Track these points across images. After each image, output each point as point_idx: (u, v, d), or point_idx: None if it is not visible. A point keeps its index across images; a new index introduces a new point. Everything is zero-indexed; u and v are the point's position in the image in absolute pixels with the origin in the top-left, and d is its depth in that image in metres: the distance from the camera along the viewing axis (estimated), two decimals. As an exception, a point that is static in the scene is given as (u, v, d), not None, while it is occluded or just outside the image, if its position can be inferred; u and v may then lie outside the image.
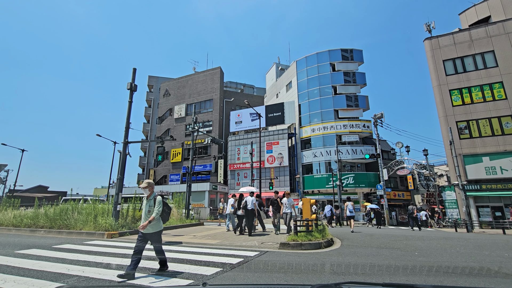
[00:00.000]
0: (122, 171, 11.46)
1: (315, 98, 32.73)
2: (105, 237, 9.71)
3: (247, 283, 4.24)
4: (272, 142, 33.52)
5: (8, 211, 13.69)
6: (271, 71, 46.25)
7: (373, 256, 6.51)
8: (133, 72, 12.61)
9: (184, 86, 42.19)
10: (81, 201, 12.99)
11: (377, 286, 1.70)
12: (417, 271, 5.08)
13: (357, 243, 8.58)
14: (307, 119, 32.95)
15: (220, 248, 7.53)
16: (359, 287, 1.96)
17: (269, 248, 7.33)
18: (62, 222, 11.38)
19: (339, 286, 1.54)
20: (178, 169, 38.67)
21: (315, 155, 31.15)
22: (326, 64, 32.94)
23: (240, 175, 34.77)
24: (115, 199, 10.93)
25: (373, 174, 29.29)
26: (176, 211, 14.82)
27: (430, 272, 4.98)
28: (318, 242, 7.42)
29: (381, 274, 4.81)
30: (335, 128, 30.68)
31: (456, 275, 4.80)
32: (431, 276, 4.74)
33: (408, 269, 5.15)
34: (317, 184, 30.28)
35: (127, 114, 12.17)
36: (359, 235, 11.08)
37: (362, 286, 2.11)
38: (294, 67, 35.90)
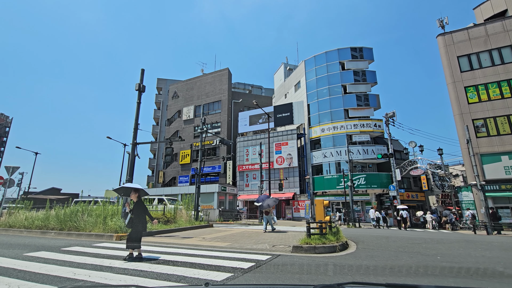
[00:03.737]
0: (131, 172, 11.37)
1: (324, 97, 32.22)
2: (114, 239, 9.59)
3: (249, 284, 4.19)
4: (281, 143, 33.16)
5: (20, 213, 13.80)
6: (279, 71, 45.94)
7: (392, 260, 6.13)
8: (141, 73, 12.55)
9: (192, 88, 42.34)
10: (91, 203, 12.98)
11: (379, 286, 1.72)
12: (442, 276, 4.69)
13: (373, 246, 8.18)
14: (316, 119, 32.46)
15: (230, 251, 7.27)
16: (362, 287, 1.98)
17: (281, 252, 7.03)
18: (72, 224, 11.36)
19: (341, 286, 1.55)
20: (187, 171, 38.75)
21: (325, 155, 30.61)
22: (335, 63, 32.42)
23: (249, 176, 34.52)
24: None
25: (385, 175, 28.55)
26: (185, 213, 14.66)
27: (457, 279, 4.58)
28: (333, 245, 7.07)
29: (404, 281, 4.45)
30: (345, 128, 30.08)
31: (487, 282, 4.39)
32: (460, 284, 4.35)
33: (433, 275, 4.76)
34: (327, 185, 29.73)
35: (135, 115, 12.10)
36: (374, 238, 10.64)
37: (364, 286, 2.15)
38: (303, 66, 35.49)
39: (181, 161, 39.47)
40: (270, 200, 12.59)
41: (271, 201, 12.55)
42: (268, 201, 12.45)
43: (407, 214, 21.78)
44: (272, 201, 12.54)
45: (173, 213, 13.87)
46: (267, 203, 12.34)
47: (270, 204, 12.35)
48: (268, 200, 12.59)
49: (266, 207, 12.24)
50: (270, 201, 12.50)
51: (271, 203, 12.44)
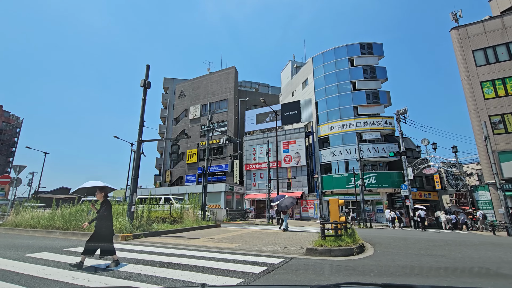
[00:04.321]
0: (136, 171, 11.07)
1: (333, 95, 31.52)
2: (119, 239, 9.29)
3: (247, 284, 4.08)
4: (288, 141, 32.62)
5: (26, 212, 13.68)
6: (286, 69, 45.34)
7: (416, 264, 5.60)
8: (146, 68, 12.24)
9: (198, 87, 42.13)
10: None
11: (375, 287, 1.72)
12: (479, 284, 4.16)
13: (392, 249, 7.65)
14: (324, 117, 31.81)
15: (240, 253, 6.85)
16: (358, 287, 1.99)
17: (293, 254, 6.58)
18: (77, 223, 11.13)
19: (338, 286, 1.55)
20: (194, 170, 38.56)
21: (334, 154, 29.95)
22: (344, 60, 31.68)
23: (256, 176, 34.09)
24: (130, 200, 10.54)
25: (396, 174, 27.73)
26: (192, 212, 14.32)
27: (496, 286, 4.05)
28: (349, 247, 6.58)
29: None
30: (355, 126, 29.35)
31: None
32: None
33: (468, 281, 4.24)
34: (337, 184, 29.07)
35: (141, 112, 11.79)
36: (391, 239, 10.08)
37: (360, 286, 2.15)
38: (310, 63, 34.84)
39: (187, 161, 39.31)
40: (288, 200, 12.81)
41: (289, 201, 12.76)
42: (286, 201, 12.68)
43: (424, 214, 21.08)
44: (290, 202, 12.76)
45: (179, 213, 13.54)
46: (285, 203, 12.59)
47: (288, 204, 12.60)
48: (286, 200, 12.80)
49: (284, 208, 12.46)
50: (288, 201, 12.73)
51: (289, 203, 12.68)
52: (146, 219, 11.36)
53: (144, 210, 11.36)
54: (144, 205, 11.88)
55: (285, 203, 12.80)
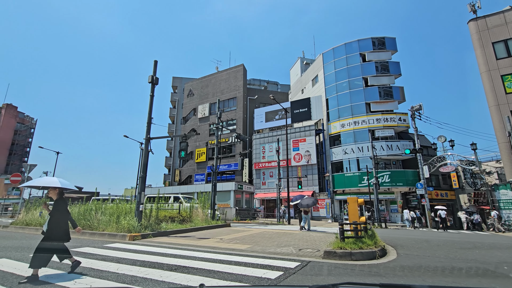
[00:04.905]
0: (145, 169, 10.79)
1: (344, 91, 30.72)
2: (127, 239, 9.02)
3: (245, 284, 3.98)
4: (298, 139, 32.01)
5: (37, 211, 13.66)
6: (296, 66, 44.65)
7: (449, 271, 5.04)
8: (154, 64, 11.94)
9: (207, 86, 41.96)
10: (105, 201, 12.58)
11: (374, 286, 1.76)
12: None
13: (416, 252, 7.08)
14: (335, 114, 31.04)
15: (252, 255, 6.42)
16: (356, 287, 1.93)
17: (310, 257, 6.10)
18: (86, 222, 10.96)
19: (336, 286, 1.52)
20: (203, 169, 38.42)
21: (346, 152, 29.18)
22: (355, 55, 30.81)
23: (265, 174, 33.64)
24: (138, 198, 10.27)
25: (411, 172, 26.77)
26: (201, 211, 14.00)
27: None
28: (372, 251, 6.05)
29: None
30: (367, 123, 28.50)
31: None
32: None
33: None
34: (349, 183, 28.31)
35: (148, 109, 11.50)
36: (412, 241, 9.46)
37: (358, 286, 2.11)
38: (321, 60, 34.08)
39: (196, 160, 39.20)
40: (309, 199, 12.83)
41: (310, 200, 12.73)
42: (307, 200, 12.70)
43: (445, 215, 20.23)
44: (311, 201, 12.73)
45: (189, 212, 13.24)
46: (306, 202, 12.59)
47: (309, 204, 12.51)
48: (307, 199, 12.84)
49: (305, 206, 12.47)
50: (309, 200, 12.72)
51: (310, 203, 12.60)
52: (155, 218, 11.09)
53: (153, 209, 11.08)
54: (153, 204, 11.62)
55: (306, 202, 12.61)
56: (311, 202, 12.70)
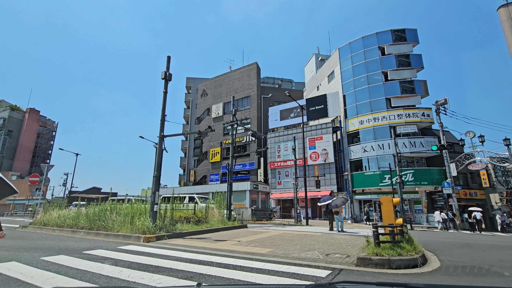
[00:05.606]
0: (159, 167, 10.41)
1: (362, 87, 29.50)
2: (142, 240, 8.64)
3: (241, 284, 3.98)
4: (315, 137, 31.06)
5: (54, 211, 13.64)
6: (310, 62, 43.59)
7: None
8: (167, 60, 11.58)
9: (220, 85, 41.72)
10: (119, 201, 12.35)
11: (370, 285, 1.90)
12: None
13: (461, 258, 6.22)
14: (353, 110, 29.86)
15: (275, 261, 5.80)
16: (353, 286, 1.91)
17: (341, 264, 5.41)
18: (101, 223, 10.73)
19: (333, 285, 1.52)
20: (218, 169, 38.17)
21: (365, 149, 27.97)
22: (374, 49, 29.52)
23: (281, 174, 32.91)
24: (152, 198, 9.89)
25: (436, 170, 25.24)
26: (217, 212, 13.52)
27: None
28: (412, 257, 5.28)
29: None
30: (388, 119, 27.18)
31: None
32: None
33: None
34: (369, 182, 27.09)
35: (162, 106, 11.15)
36: (451, 245, 8.53)
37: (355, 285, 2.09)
38: (337, 55, 32.96)
39: (211, 159, 39.01)
40: (338, 199, 12.29)
41: (339, 200, 12.17)
42: (336, 200, 12.17)
43: (480, 216, 18.87)
44: (340, 201, 12.14)
45: (204, 213, 12.79)
46: (336, 202, 12.02)
47: (338, 204, 11.96)
48: (336, 199, 12.31)
49: (335, 207, 11.93)
50: (338, 200, 12.16)
51: (339, 202, 12.04)
52: (170, 219, 10.69)
53: (168, 209, 10.68)
54: (167, 205, 11.23)
55: (336, 202, 12.08)
56: (340, 202, 12.12)
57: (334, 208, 12.26)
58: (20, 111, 65.98)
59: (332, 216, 13.11)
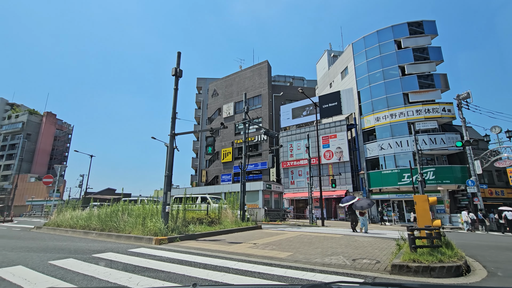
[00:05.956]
0: (170, 167, 10.04)
1: (377, 82, 28.44)
2: (153, 243, 8.28)
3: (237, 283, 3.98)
4: (328, 136, 30.21)
5: (67, 212, 13.57)
6: (322, 59, 42.65)
7: None
8: (177, 56, 11.23)
9: (231, 85, 41.43)
10: (132, 202, 12.10)
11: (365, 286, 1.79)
12: None
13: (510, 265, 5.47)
14: (369, 107, 28.84)
15: (297, 267, 5.26)
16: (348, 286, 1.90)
17: (372, 271, 4.81)
18: (112, 224, 10.48)
19: (329, 285, 1.50)
20: (229, 169, 37.87)
21: (382, 147, 26.91)
22: (389, 42, 28.41)
23: (294, 173, 32.22)
24: (164, 199, 9.54)
25: (459, 168, 23.95)
26: (230, 212, 13.07)
27: None
28: (456, 265, 4.62)
29: None
30: (406, 115, 26.04)
31: None
32: None
33: None
34: (386, 181, 26.04)
35: (173, 103, 10.79)
36: (491, 249, 7.73)
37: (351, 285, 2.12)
38: (350, 50, 31.99)
39: (223, 159, 38.75)
40: (364, 201, 12.12)
41: (365, 202, 11.91)
42: (362, 202, 11.97)
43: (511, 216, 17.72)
44: (367, 203, 11.83)
45: (217, 213, 12.36)
46: (361, 203, 11.77)
47: (364, 206, 11.68)
48: (363, 200, 12.14)
49: (360, 208, 11.69)
50: (364, 202, 11.92)
51: (366, 204, 11.72)
52: (182, 220, 10.32)
53: (180, 210, 10.30)
54: (179, 205, 10.87)
55: (361, 203, 11.73)
56: (366, 204, 11.77)
57: (360, 209, 11.87)
58: (38, 115, 67.99)
59: (355, 217, 12.49)
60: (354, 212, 12.57)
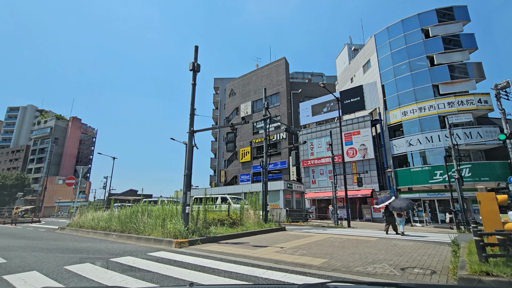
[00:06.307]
0: (189, 165, 9.55)
1: (403, 74, 26.78)
2: (173, 245, 7.79)
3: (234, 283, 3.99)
4: (351, 132, 28.87)
5: (89, 213, 13.52)
6: (342, 54, 41.11)
7: None
8: (195, 50, 10.76)
9: (248, 83, 40.93)
10: (151, 203, 11.78)
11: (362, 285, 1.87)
12: None
13: None
14: (395, 101, 27.22)
15: (338, 278, 4.49)
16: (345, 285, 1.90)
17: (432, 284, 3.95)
18: (132, 226, 10.17)
19: (325, 285, 1.50)
20: (248, 169, 37.36)
21: (410, 143, 25.26)
22: (416, 31, 26.66)
23: (315, 172, 31.13)
24: (183, 199, 9.05)
25: (499, 164, 21.94)
26: (252, 213, 12.44)
27: None
28: (545, 279, 3.66)
29: None
30: (437, 108, 24.26)
31: None
32: None
33: None
34: (416, 179, 24.38)
35: (191, 99, 10.31)
36: None
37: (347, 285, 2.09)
38: (373, 42, 30.44)
39: (241, 159, 38.31)
40: (403, 201, 11.24)
41: (404, 203, 10.98)
42: (400, 202, 11.15)
43: None
44: (405, 204, 10.88)
45: (239, 214, 11.77)
46: (399, 204, 10.94)
47: (403, 207, 10.82)
48: (400, 201, 11.31)
49: (399, 210, 10.91)
50: (402, 203, 11.04)
51: (404, 206, 10.81)
52: (203, 221, 9.80)
53: (200, 211, 9.79)
54: (200, 206, 10.37)
55: (400, 204, 10.86)
56: (405, 205, 10.80)
57: (399, 211, 10.99)
58: (64, 120, 71.06)
59: (392, 219, 11.49)
60: (391, 214, 11.56)
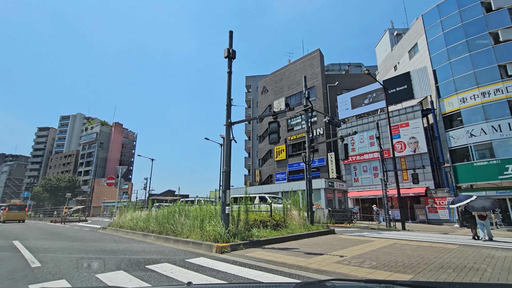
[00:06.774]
0: (228, 161, 8.62)
1: (460, 56, 23.47)
2: (214, 250, 6.89)
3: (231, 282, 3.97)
4: (398, 125, 26.12)
5: (128, 213, 13.36)
6: (383, 40, 37.84)
7: None
8: (229, 36, 9.85)
9: (281, 79, 39.62)
10: (188, 203, 11.11)
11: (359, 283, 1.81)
12: None
13: None
14: (450, 86, 23.98)
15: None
16: (342, 283, 1.94)
17: None
18: (169, 227, 9.54)
19: (323, 283, 1.51)
20: (283, 168, 36.06)
21: (472, 134, 21.98)
22: (474, 6, 23.21)
23: (357, 169, 28.81)
24: (223, 198, 8.14)
25: None
26: (297, 214, 11.20)
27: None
28: None
29: None
30: (505, 92, 20.78)
31: None
32: None
33: None
34: (480, 175, 21.13)
35: (227, 89, 9.41)
36: None
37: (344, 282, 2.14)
38: (420, 24, 27.29)
39: (276, 158, 37.13)
40: (484, 201, 9.70)
41: (486, 202, 9.35)
42: (481, 201, 9.61)
43: None
44: (488, 203, 9.23)
45: (282, 215, 10.60)
46: (482, 204, 9.28)
47: (486, 206, 9.20)
48: (480, 200, 9.76)
49: (481, 210, 9.30)
50: (485, 202, 9.42)
51: (487, 205, 9.18)
52: (244, 223, 8.79)
53: (241, 211, 8.80)
54: (239, 205, 9.39)
55: (481, 203, 9.22)
56: (488, 205, 9.08)
57: (481, 211, 9.19)
58: (108, 126, 76.03)
59: (474, 221, 9.56)
60: (472, 215, 9.62)
